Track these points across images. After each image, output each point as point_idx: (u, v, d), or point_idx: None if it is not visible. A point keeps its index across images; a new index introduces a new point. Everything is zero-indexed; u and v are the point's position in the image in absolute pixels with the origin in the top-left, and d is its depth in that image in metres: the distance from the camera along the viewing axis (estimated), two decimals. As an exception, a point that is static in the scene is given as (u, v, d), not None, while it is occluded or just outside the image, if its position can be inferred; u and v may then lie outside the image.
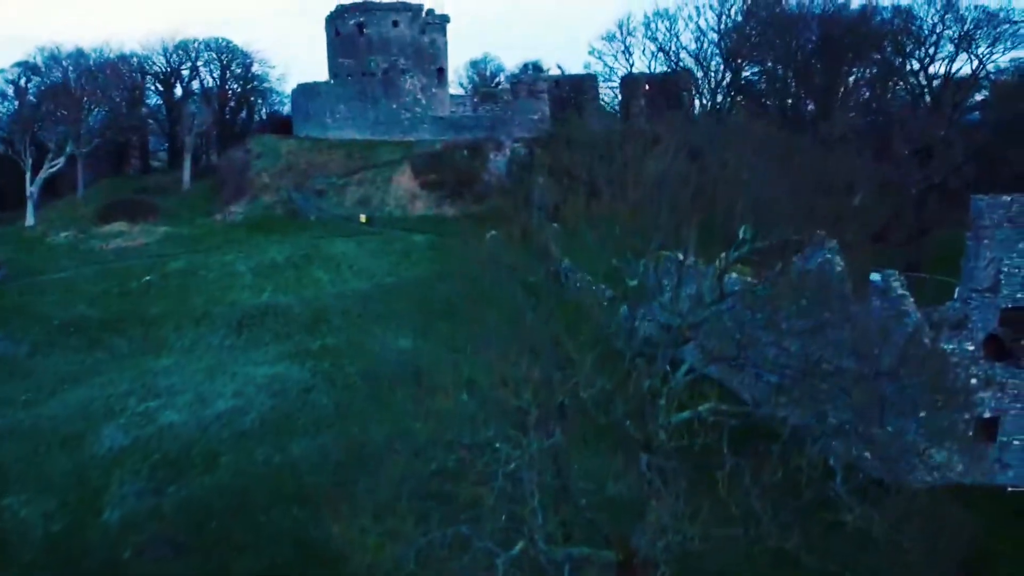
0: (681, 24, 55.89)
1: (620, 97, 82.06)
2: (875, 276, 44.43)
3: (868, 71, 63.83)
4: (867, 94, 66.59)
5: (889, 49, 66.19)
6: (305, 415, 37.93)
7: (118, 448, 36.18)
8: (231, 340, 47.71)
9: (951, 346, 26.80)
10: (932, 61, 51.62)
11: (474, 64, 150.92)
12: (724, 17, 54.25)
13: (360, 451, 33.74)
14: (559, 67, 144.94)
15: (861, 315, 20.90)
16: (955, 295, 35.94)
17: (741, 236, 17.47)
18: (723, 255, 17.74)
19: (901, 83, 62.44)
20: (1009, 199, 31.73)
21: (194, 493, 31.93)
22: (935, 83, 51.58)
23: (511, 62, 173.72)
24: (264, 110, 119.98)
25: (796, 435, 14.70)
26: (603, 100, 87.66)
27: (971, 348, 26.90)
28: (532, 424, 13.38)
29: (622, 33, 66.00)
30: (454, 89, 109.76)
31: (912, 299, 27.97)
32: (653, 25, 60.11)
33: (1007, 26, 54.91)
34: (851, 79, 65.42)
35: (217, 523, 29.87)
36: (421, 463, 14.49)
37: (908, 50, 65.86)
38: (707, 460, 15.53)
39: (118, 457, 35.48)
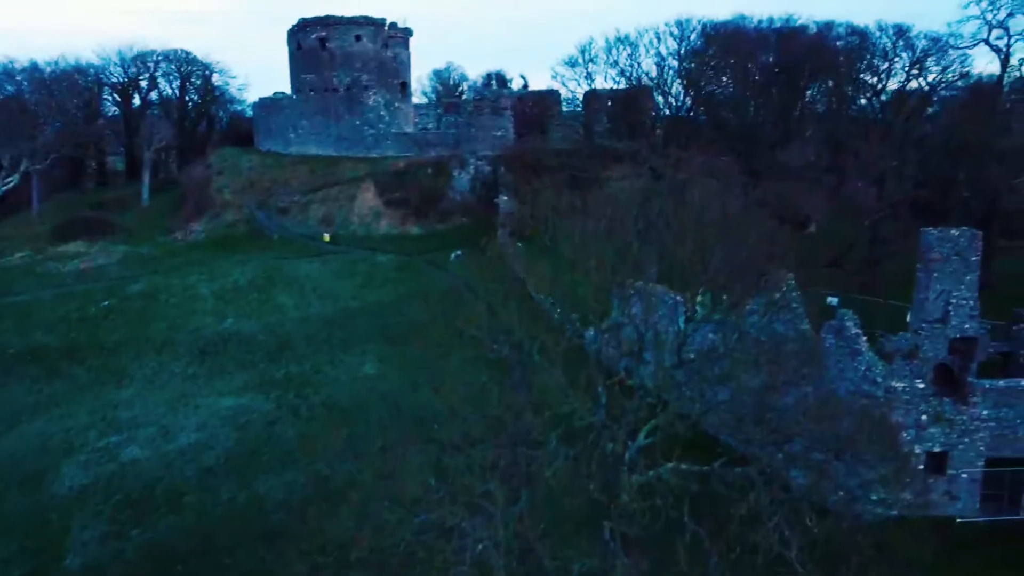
0: (642, 50, 56.63)
1: (583, 113, 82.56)
2: (832, 299, 45.84)
3: (824, 86, 65.16)
4: (822, 109, 68.03)
5: (843, 71, 67.93)
6: (270, 449, 37.76)
7: (79, 487, 35.69)
8: (194, 369, 47.25)
9: (902, 384, 27.71)
10: (885, 87, 53.14)
11: (437, 73, 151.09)
12: (684, 43, 55.24)
13: (325, 487, 33.96)
14: (522, 77, 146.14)
15: (815, 376, 21.49)
16: (907, 317, 37.27)
17: (699, 301, 17.96)
18: (682, 327, 18.23)
19: (858, 99, 63.77)
20: (957, 233, 32.93)
21: (158, 536, 31.64)
22: (888, 106, 52.98)
23: (474, 71, 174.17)
24: (225, 118, 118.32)
25: (753, 509, 15.23)
26: (566, 112, 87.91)
27: (921, 386, 27.83)
28: (499, 509, 13.68)
29: (584, 59, 66.51)
30: (417, 98, 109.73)
31: (865, 338, 28.80)
32: (615, 51, 60.62)
33: (957, 53, 56.95)
34: (808, 93, 66.78)
35: (183, 567, 29.69)
36: (389, 547, 14.63)
37: (862, 69, 67.56)
38: (669, 523, 15.96)
39: (79, 497, 35.00)
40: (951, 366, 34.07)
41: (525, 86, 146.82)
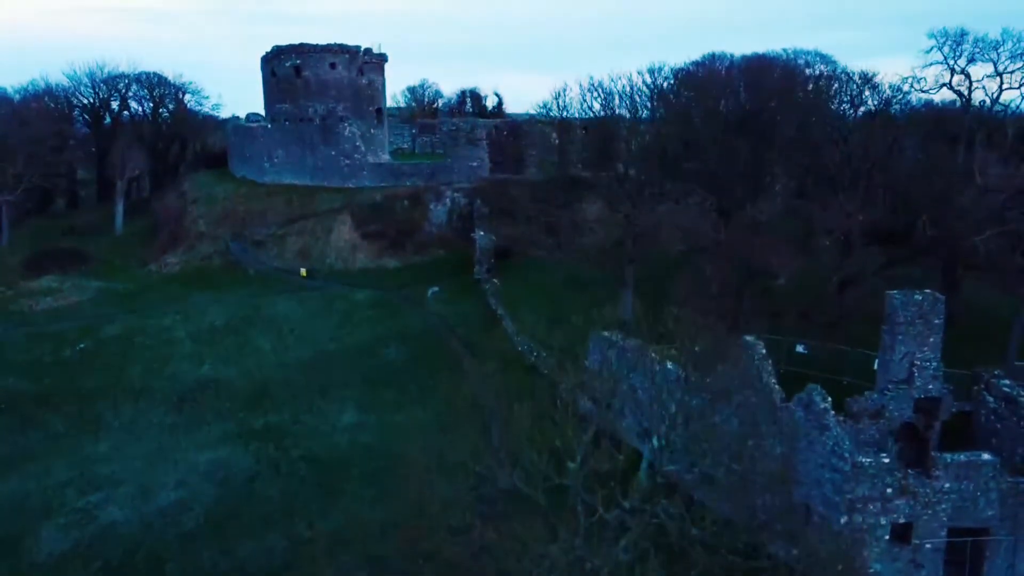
0: (616, 99, 57.31)
1: (557, 142, 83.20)
2: (801, 347, 46.92)
3: (791, 120, 66.11)
4: (790, 138, 68.81)
5: (812, 99, 69.27)
6: (250, 509, 37.93)
7: (59, 554, 35.67)
8: (172, 418, 47.20)
9: (868, 460, 28.68)
10: (851, 131, 54.38)
11: (412, 90, 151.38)
12: (655, 88, 56.13)
13: (308, 550, 34.34)
14: (496, 95, 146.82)
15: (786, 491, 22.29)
16: (874, 364, 38.57)
17: (657, 444, 18.62)
18: (656, 445, 18.95)
19: (824, 142, 64.75)
20: (920, 297, 34.25)
21: (141, 609, 31.80)
22: (854, 151, 54.08)
23: (448, 87, 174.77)
24: (197, 143, 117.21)
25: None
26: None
27: (887, 461, 28.84)
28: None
29: (558, 106, 67.34)
30: (390, 101, 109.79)
31: (833, 412, 29.77)
32: (588, 97, 61.47)
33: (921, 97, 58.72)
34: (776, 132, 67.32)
35: (165, 643, 29.90)
36: None
37: (829, 101, 68.88)
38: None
39: (59, 564, 35.01)
40: (916, 424, 35.49)
41: (500, 104, 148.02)
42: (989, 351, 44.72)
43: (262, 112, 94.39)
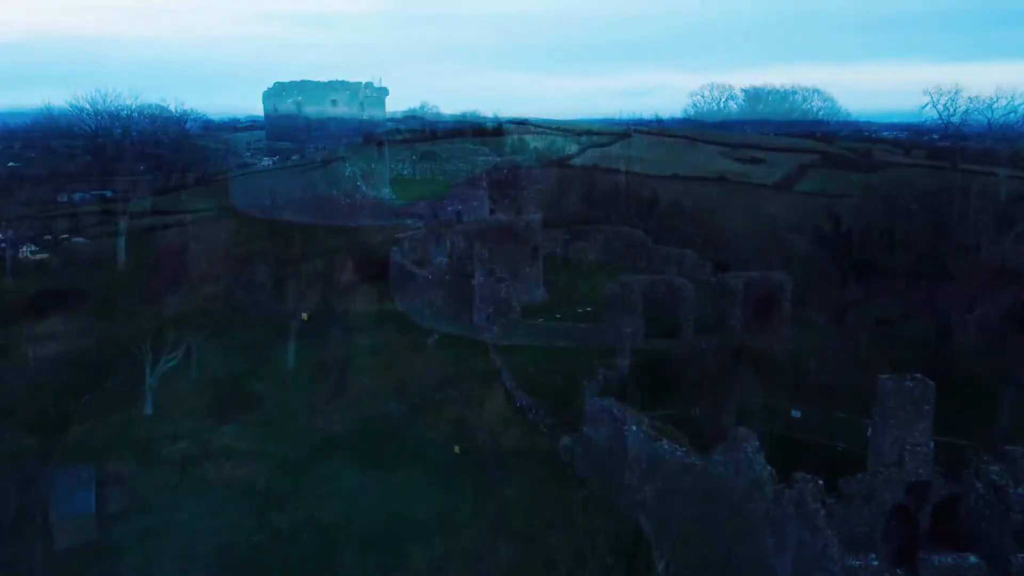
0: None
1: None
2: (795, 412, 47.77)
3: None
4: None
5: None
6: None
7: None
8: (175, 480, 47.76)
9: (858, 562, 29.45)
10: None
11: (412, 113, 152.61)
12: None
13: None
14: (496, 117, 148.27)
15: None
16: (868, 432, 39.43)
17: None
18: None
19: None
20: (911, 383, 35.06)
21: None
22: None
23: (449, 108, 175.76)
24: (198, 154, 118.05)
25: None
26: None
27: (876, 563, 29.60)
28: None
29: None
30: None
31: (823, 513, 30.54)
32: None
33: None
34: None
35: None
36: None
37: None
38: None
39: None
40: (907, 506, 36.30)
41: (499, 125, 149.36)
42: (982, 407, 45.44)
43: (260, 114, 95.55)
